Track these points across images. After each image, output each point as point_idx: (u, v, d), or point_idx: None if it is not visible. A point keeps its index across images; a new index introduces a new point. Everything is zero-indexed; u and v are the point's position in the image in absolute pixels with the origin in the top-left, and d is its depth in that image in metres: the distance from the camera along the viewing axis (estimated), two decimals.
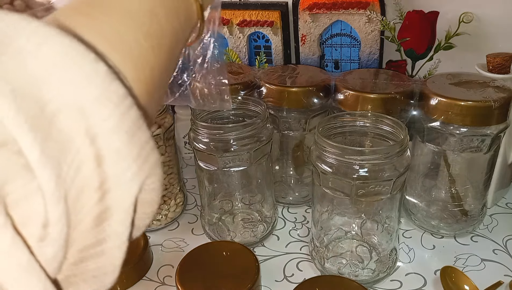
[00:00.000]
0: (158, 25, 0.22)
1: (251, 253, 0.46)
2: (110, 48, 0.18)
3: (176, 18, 0.24)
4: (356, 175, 0.42)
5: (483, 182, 0.53)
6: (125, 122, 0.16)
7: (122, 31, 0.20)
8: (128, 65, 0.19)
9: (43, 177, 0.14)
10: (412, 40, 0.59)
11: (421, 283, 0.47)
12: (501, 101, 0.46)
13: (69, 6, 0.20)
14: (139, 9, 0.21)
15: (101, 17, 0.19)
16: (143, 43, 0.20)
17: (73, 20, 0.18)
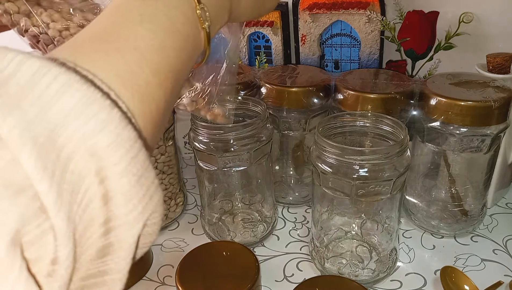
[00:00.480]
0: (166, 60, 0.23)
1: (251, 253, 0.46)
2: (121, 87, 0.19)
3: (184, 50, 0.24)
4: (356, 175, 0.42)
5: (483, 182, 0.53)
6: (134, 165, 0.17)
7: (133, 68, 0.20)
8: (136, 102, 0.20)
9: (56, 219, 0.15)
10: (412, 40, 0.59)
11: (421, 283, 0.47)
12: (501, 101, 0.46)
13: (85, 39, 0.21)
14: (150, 45, 0.22)
15: (114, 54, 0.20)
16: (151, 80, 0.21)
17: (89, 55, 0.19)
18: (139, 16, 0.22)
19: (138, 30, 0.22)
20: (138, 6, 0.23)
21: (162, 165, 0.55)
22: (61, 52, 0.20)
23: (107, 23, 0.22)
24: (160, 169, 0.55)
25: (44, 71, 0.16)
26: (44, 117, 0.15)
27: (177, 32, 0.24)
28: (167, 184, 0.57)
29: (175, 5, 0.24)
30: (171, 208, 0.58)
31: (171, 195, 0.58)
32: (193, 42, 0.25)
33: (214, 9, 0.27)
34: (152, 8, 0.23)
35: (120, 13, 0.23)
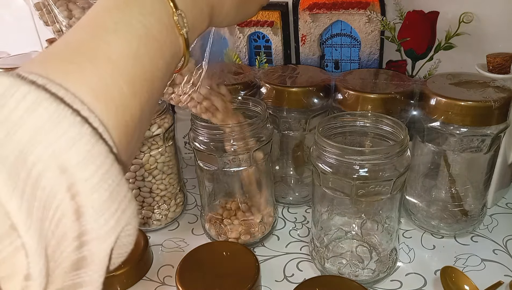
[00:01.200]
0: (141, 68, 0.22)
1: (251, 253, 0.46)
2: (94, 99, 0.19)
3: (161, 57, 0.24)
4: (356, 175, 0.42)
5: (483, 182, 0.53)
6: (105, 181, 0.18)
7: (106, 80, 0.20)
8: (110, 114, 0.20)
9: (27, 237, 0.15)
10: (412, 40, 0.59)
11: (421, 283, 0.47)
12: (501, 101, 0.46)
13: (60, 51, 0.21)
14: (124, 54, 0.22)
15: (87, 65, 0.20)
16: (125, 91, 0.21)
17: (62, 68, 0.19)
18: (113, 24, 0.22)
19: (112, 40, 0.22)
20: (113, 15, 0.23)
21: (162, 165, 0.55)
22: (35, 65, 0.20)
23: (82, 33, 0.22)
24: (160, 169, 0.55)
25: (13, 90, 0.16)
26: (13, 137, 0.16)
27: (153, 40, 0.23)
28: (167, 184, 0.57)
29: (150, 11, 0.24)
30: (171, 208, 0.58)
31: (171, 195, 0.58)
32: (170, 48, 0.25)
33: (192, 15, 0.26)
34: (127, 16, 0.23)
35: (95, 23, 0.23)
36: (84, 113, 0.18)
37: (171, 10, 0.25)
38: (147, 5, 0.24)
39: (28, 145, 0.16)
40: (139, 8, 0.23)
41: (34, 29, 0.89)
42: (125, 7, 0.23)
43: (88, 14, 0.24)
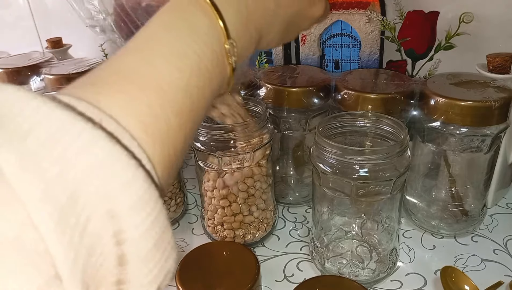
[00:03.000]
0: (189, 99, 0.22)
1: (251, 253, 0.46)
2: (143, 133, 0.19)
3: (209, 87, 0.24)
4: (356, 175, 0.42)
5: (483, 182, 0.53)
6: (153, 228, 0.17)
7: (156, 111, 0.20)
8: (156, 149, 0.19)
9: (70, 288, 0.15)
10: (412, 40, 0.59)
11: (421, 283, 0.47)
12: (501, 101, 0.46)
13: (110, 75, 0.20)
14: (175, 85, 0.21)
15: (138, 95, 0.19)
16: (173, 122, 0.21)
17: (113, 97, 0.19)
18: (167, 51, 0.22)
19: (165, 68, 0.21)
20: (168, 40, 0.22)
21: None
22: (85, 90, 0.19)
23: (133, 58, 0.21)
24: None
25: (68, 127, 0.15)
26: (66, 176, 0.15)
27: (204, 70, 0.23)
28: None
29: (204, 40, 0.23)
30: (171, 208, 0.58)
31: (171, 195, 0.58)
32: (218, 77, 0.25)
33: (241, 43, 0.26)
34: (182, 43, 0.22)
35: (148, 47, 0.22)
36: (137, 154, 0.18)
37: (224, 39, 0.24)
38: (201, 33, 0.23)
39: (80, 185, 0.15)
40: (194, 35, 0.23)
41: (34, 29, 0.89)
42: (180, 33, 0.23)
43: (141, 36, 0.23)
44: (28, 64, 0.70)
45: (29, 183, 0.14)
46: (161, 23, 0.23)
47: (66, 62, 0.73)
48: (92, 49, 0.82)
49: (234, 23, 0.25)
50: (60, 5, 0.86)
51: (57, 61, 0.74)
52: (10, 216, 0.14)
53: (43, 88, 0.67)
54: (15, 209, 0.14)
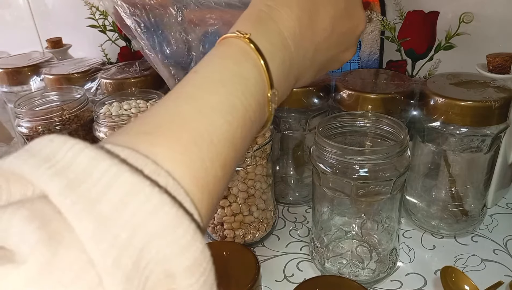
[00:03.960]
0: (234, 151, 0.22)
1: (251, 253, 0.46)
2: (195, 188, 0.19)
3: (251, 135, 0.24)
4: (356, 175, 0.42)
5: (483, 182, 0.53)
6: (205, 287, 0.17)
7: (207, 164, 0.20)
8: (204, 203, 0.20)
9: None
10: (412, 40, 0.59)
11: (421, 283, 0.47)
12: (501, 101, 0.46)
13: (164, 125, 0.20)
14: (224, 138, 0.21)
15: (192, 148, 0.20)
16: (219, 174, 0.21)
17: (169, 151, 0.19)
18: (220, 103, 0.22)
19: (217, 120, 0.21)
20: (220, 91, 0.23)
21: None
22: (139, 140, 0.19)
23: (188, 106, 0.22)
24: None
25: (137, 191, 0.16)
26: (134, 241, 0.16)
27: (249, 121, 0.24)
28: None
29: (252, 92, 0.24)
30: None
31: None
32: (259, 125, 0.26)
33: (281, 91, 0.27)
34: (232, 96, 0.23)
35: (202, 97, 0.22)
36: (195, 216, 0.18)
37: (268, 89, 0.25)
38: (250, 85, 0.24)
39: (145, 250, 0.16)
40: (243, 87, 0.23)
41: (34, 29, 0.89)
42: (231, 86, 0.23)
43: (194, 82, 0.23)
44: (28, 64, 0.70)
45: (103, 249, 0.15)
46: (213, 72, 0.24)
47: (66, 62, 0.73)
48: (92, 49, 0.82)
49: (278, 74, 0.26)
50: (60, 5, 0.86)
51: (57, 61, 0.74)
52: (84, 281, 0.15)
53: (43, 88, 0.67)
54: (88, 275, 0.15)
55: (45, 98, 0.61)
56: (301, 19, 0.28)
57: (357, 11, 0.34)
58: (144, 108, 0.53)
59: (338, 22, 0.31)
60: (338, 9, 0.31)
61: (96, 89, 0.65)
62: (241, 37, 0.25)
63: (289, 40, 0.27)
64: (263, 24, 0.27)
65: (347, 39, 0.34)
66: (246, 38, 0.25)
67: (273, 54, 0.26)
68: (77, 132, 0.58)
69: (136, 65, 0.67)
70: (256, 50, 0.25)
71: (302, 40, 0.29)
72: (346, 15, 0.32)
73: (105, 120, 0.50)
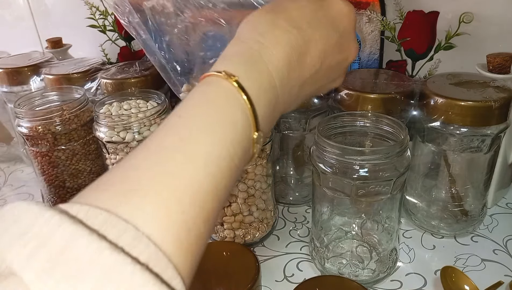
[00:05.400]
0: (218, 202, 0.21)
1: (251, 253, 0.46)
2: (178, 250, 0.18)
3: (235, 180, 0.23)
4: (356, 175, 0.42)
5: (483, 182, 0.53)
6: None
7: (189, 224, 0.19)
8: (187, 264, 0.19)
9: None
10: (412, 40, 0.59)
11: (421, 283, 0.47)
12: (501, 101, 0.46)
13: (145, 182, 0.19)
14: (207, 193, 0.21)
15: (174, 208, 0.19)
16: (202, 230, 0.20)
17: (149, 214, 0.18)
18: (204, 155, 0.21)
19: (199, 175, 0.20)
20: (204, 140, 0.21)
21: None
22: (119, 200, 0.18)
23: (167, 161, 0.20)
24: None
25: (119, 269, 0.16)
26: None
27: (234, 169, 0.23)
28: None
29: (238, 139, 0.23)
30: None
31: None
32: (242, 168, 0.24)
33: (266, 130, 0.26)
34: (218, 146, 0.22)
35: (184, 149, 0.21)
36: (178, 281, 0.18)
37: (253, 132, 0.24)
38: (237, 132, 0.23)
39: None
40: (230, 134, 0.22)
41: (34, 29, 0.89)
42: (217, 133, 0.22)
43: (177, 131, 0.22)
44: (28, 64, 0.70)
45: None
46: (198, 117, 0.22)
47: (66, 62, 0.73)
48: (92, 49, 0.82)
49: (264, 115, 0.25)
50: (60, 5, 0.86)
51: (57, 61, 0.74)
52: None
53: (43, 88, 0.67)
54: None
55: (45, 98, 0.61)
56: (290, 58, 0.27)
57: (348, 43, 0.33)
58: (144, 108, 0.53)
59: (328, 56, 0.30)
60: (330, 43, 0.30)
61: (96, 89, 0.65)
62: (229, 79, 0.24)
63: (276, 80, 0.26)
64: (252, 64, 0.26)
65: (336, 70, 0.33)
66: (234, 80, 0.24)
67: (260, 96, 0.25)
68: (77, 132, 0.58)
69: (136, 65, 0.67)
70: (244, 94, 0.24)
71: (289, 78, 0.28)
72: (337, 49, 0.31)
73: (105, 120, 0.50)
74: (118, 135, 0.50)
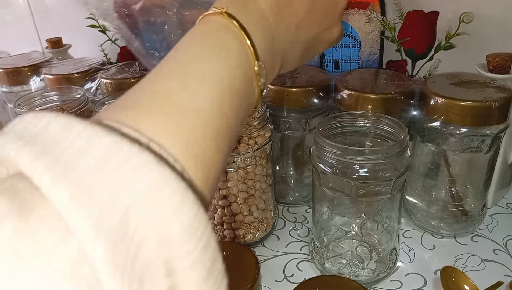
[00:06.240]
0: (226, 122, 0.22)
1: (251, 253, 0.46)
2: (186, 156, 0.18)
3: (241, 109, 0.24)
4: (356, 175, 0.42)
5: (483, 182, 0.53)
6: (205, 255, 0.16)
7: (197, 134, 0.20)
8: (198, 170, 0.19)
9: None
10: (412, 40, 0.59)
11: (421, 283, 0.47)
12: (501, 101, 0.46)
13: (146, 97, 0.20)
14: (210, 107, 0.21)
15: (178, 118, 0.19)
16: (212, 146, 0.20)
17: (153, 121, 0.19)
18: (202, 75, 0.22)
19: (200, 90, 0.21)
20: (202, 64, 0.22)
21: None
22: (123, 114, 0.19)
23: (170, 81, 0.21)
24: None
25: (115, 150, 0.15)
26: (116, 202, 0.14)
27: (236, 92, 0.23)
28: None
29: (237, 63, 0.24)
30: None
31: None
32: (248, 99, 0.25)
33: (268, 66, 0.26)
34: (215, 66, 0.22)
35: (184, 72, 0.22)
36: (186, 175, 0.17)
37: (253, 61, 0.25)
38: (233, 56, 0.24)
39: (131, 210, 0.15)
40: (226, 59, 0.23)
41: (34, 29, 0.89)
42: (213, 57, 0.23)
43: (174, 59, 0.23)
44: (28, 64, 0.70)
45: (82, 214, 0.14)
46: (194, 47, 0.23)
47: (66, 62, 0.73)
48: (92, 49, 0.82)
49: (262, 47, 0.26)
50: (60, 5, 0.86)
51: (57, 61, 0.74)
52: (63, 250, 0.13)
53: (43, 88, 0.67)
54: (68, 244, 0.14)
55: (45, 98, 0.61)
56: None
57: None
58: None
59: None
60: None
61: (96, 89, 0.65)
62: (218, 13, 0.25)
63: (267, 13, 0.27)
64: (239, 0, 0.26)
65: (329, 15, 0.33)
66: (223, 12, 0.25)
67: (253, 27, 0.25)
68: None
69: (136, 65, 0.67)
70: (236, 21, 0.24)
71: (281, 14, 0.28)
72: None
73: None
74: None
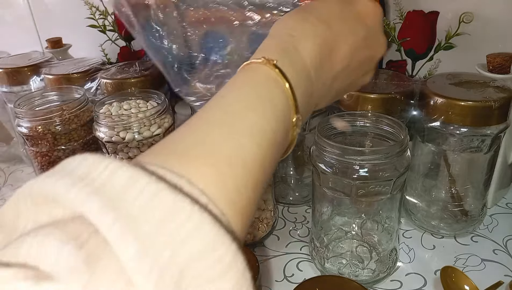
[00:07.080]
0: (264, 173, 0.22)
1: (251, 253, 0.46)
2: (232, 210, 0.19)
3: (278, 159, 0.25)
4: (356, 175, 0.42)
5: (483, 182, 0.53)
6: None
7: (240, 187, 0.20)
8: (239, 224, 0.20)
9: None
10: (412, 40, 0.59)
11: (421, 283, 0.47)
12: (501, 101, 0.46)
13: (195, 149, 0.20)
14: (254, 161, 0.21)
15: (225, 170, 0.20)
16: (251, 196, 0.21)
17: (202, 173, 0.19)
18: (249, 128, 0.22)
19: (246, 144, 0.21)
20: (250, 116, 0.23)
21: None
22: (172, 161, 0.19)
23: (218, 131, 0.21)
24: None
25: (177, 208, 0.16)
26: (175, 261, 0.15)
27: (277, 145, 0.24)
28: None
29: (280, 117, 0.24)
30: None
31: None
32: (283, 149, 0.26)
33: (304, 116, 0.27)
34: (262, 120, 0.23)
35: (231, 122, 0.22)
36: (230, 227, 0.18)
37: (293, 114, 0.25)
38: (278, 110, 0.24)
39: (186, 270, 0.15)
40: (272, 111, 0.24)
41: (34, 29, 0.89)
42: (260, 110, 0.23)
43: (221, 108, 0.23)
44: (28, 64, 0.70)
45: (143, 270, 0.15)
46: (241, 97, 0.24)
47: (66, 62, 0.73)
48: (92, 49, 0.82)
49: (301, 101, 0.26)
50: (60, 5, 0.86)
51: (57, 61, 0.74)
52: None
53: (43, 88, 0.67)
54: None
55: (45, 98, 0.61)
56: (322, 49, 0.29)
57: (377, 38, 0.34)
58: (144, 108, 0.53)
59: (357, 51, 0.31)
60: (358, 38, 0.31)
61: (96, 89, 0.65)
62: (267, 64, 0.25)
63: (311, 70, 0.28)
64: (287, 53, 0.27)
65: (366, 66, 0.34)
66: (272, 64, 0.25)
67: (298, 82, 0.26)
68: (77, 132, 0.58)
69: (136, 65, 0.67)
70: (283, 76, 0.25)
71: (322, 70, 0.29)
72: (366, 44, 0.32)
73: (105, 120, 0.50)
74: (118, 135, 0.50)
